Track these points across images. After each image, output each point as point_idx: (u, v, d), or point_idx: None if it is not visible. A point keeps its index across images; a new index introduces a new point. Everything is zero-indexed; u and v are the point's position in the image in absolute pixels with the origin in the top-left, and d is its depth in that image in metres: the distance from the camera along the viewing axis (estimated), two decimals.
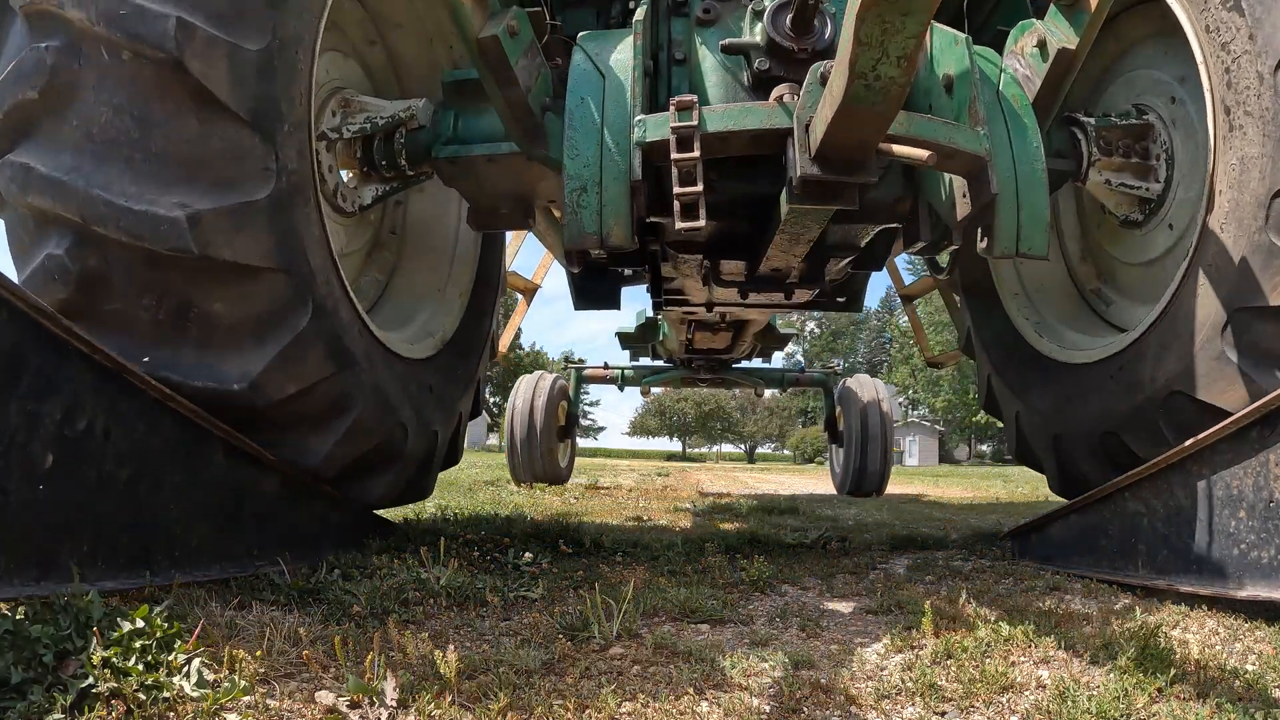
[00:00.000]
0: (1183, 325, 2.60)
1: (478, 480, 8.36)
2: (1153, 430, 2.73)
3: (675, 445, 72.50)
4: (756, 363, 9.70)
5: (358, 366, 2.56)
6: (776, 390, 10.03)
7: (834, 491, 9.94)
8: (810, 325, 71.08)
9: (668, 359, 9.14)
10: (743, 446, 70.14)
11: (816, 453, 60.85)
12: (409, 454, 3.05)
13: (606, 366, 9.63)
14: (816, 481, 14.29)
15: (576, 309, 5.48)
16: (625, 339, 8.87)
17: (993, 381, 4.03)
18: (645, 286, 5.02)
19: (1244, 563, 2.02)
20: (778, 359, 10.62)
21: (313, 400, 2.42)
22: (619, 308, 5.53)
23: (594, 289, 5.32)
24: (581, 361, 9.88)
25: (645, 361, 9.81)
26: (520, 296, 6.44)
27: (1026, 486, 11.03)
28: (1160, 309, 2.74)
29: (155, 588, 1.86)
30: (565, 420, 8.82)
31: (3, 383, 1.52)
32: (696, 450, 70.44)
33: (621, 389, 9.88)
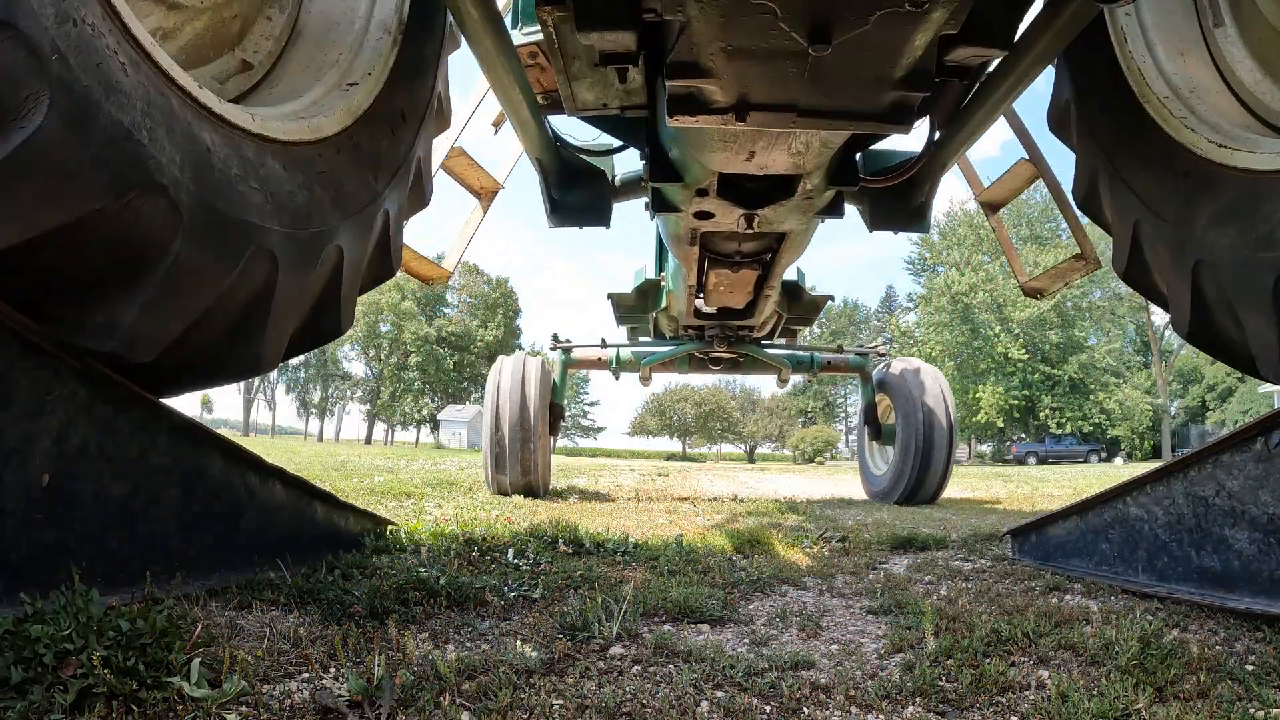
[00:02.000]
0: None
1: (477, 480, 8.35)
2: None
3: (675, 445, 72.55)
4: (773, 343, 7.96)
5: (49, 51, 1.39)
6: (805, 376, 8.13)
7: (839, 494, 9.82)
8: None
9: (674, 334, 7.35)
10: (743, 446, 70.19)
11: (816, 453, 60.91)
12: (184, 263, 1.76)
13: (604, 344, 7.77)
14: (816, 481, 14.29)
15: (552, 226, 4.19)
16: (621, 306, 7.10)
17: (1144, 232, 2.88)
18: (645, 202, 3.84)
19: (1244, 575, 2.02)
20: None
21: None
22: (607, 224, 4.24)
23: (574, 200, 4.07)
24: (568, 342, 7.77)
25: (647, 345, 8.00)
26: (476, 200, 4.48)
27: (1026, 486, 11.04)
28: None
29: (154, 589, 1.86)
30: (551, 414, 7.18)
31: None
32: (696, 450, 70.49)
33: (617, 376, 8.00)
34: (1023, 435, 46.84)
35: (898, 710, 1.49)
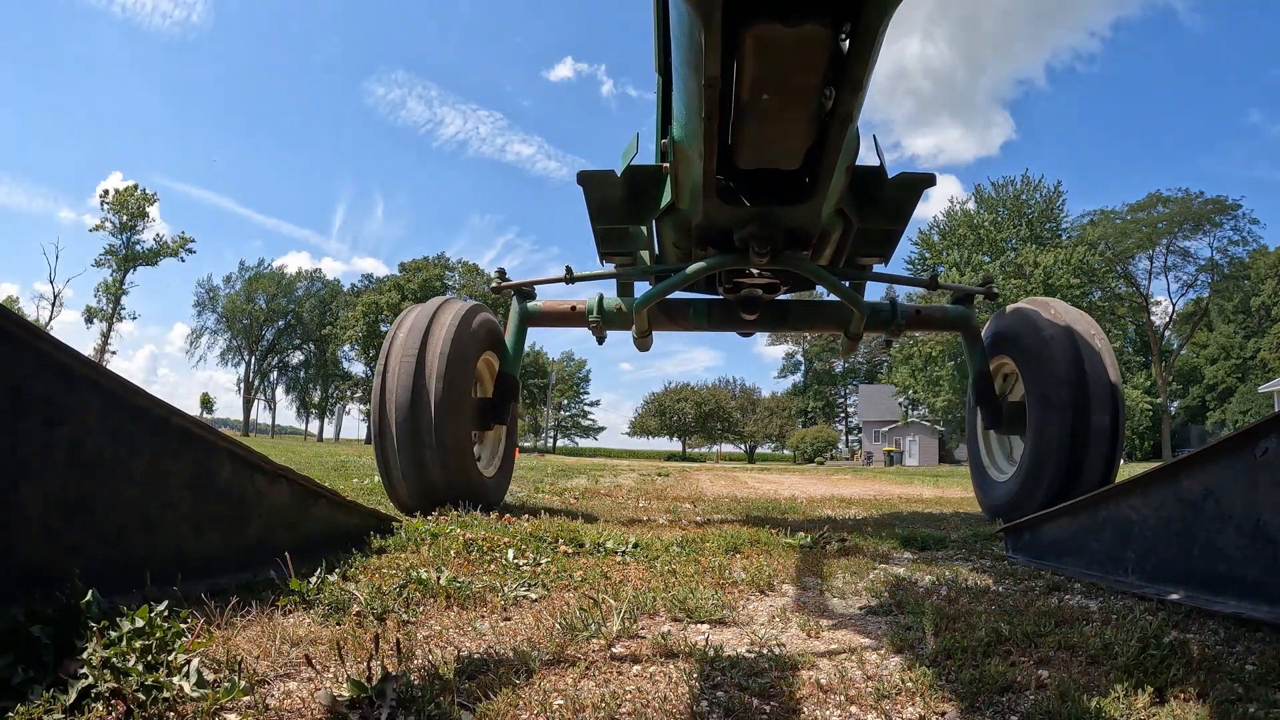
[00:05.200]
0: None
1: None
2: None
3: (675, 445, 72.58)
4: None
5: None
6: (882, 335, 5.20)
7: (839, 494, 9.76)
8: None
9: (684, 250, 4.03)
10: (743, 446, 70.21)
11: (817, 453, 60.98)
12: None
13: (570, 276, 4.70)
14: (817, 481, 14.29)
15: None
16: (605, 210, 4.04)
17: None
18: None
19: (1229, 579, 2.04)
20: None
21: None
22: None
23: None
24: (528, 285, 5.06)
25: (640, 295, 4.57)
26: None
27: None
28: None
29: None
30: (497, 389, 4.85)
31: (14, 412, 1.56)
32: (696, 450, 70.52)
33: (601, 337, 5.13)
34: None
35: (898, 710, 1.49)
